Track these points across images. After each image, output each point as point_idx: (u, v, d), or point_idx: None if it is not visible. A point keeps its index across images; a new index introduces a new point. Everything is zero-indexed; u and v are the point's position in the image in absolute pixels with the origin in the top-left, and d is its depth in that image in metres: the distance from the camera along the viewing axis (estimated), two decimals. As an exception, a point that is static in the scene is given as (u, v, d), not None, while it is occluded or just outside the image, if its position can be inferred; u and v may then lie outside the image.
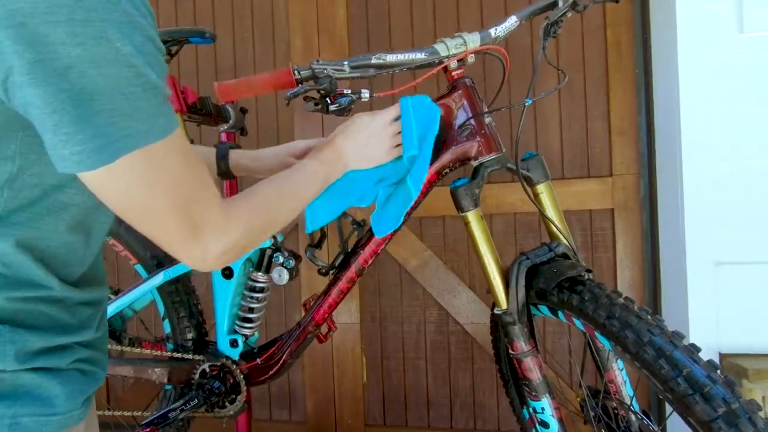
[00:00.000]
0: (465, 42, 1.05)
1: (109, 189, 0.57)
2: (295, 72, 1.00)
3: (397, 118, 1.08)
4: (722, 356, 1.65)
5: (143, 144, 0.55)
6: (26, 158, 0.57)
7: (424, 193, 1.14)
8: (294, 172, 0.93)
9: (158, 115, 0.56)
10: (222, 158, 1.16)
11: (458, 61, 1.07)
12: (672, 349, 0.81)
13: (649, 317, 0.88)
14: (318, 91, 1.02)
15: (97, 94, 0.50)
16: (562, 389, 1.98)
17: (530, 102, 1.04)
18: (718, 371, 0.79)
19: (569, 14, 1.11)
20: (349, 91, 1.03)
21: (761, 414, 0.76)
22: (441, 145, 1.11)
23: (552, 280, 1.00)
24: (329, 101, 1.02)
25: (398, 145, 1.08)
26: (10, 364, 0.59)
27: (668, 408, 1.79)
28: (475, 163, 1.11)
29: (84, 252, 0.69)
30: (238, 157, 1.17)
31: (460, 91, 1.09)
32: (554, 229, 1.10)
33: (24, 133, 0.55)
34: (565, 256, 1.07)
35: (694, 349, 0.82)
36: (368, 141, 1.04)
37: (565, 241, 1.09)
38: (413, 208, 1.14)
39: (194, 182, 0.63)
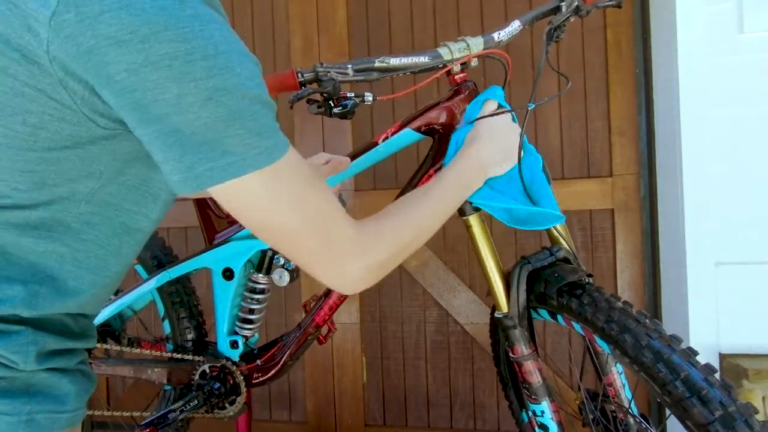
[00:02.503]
0: (468, 46, 1.05)
1: (242, 204, 0.62)
2: (299, 75, 1.00)
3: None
4: (722, 356, 1.65)
5: (272, 160, 0.60)
6: (108, 179, 0.63)
7: None
8: (432, 186, 0.90)
9: (279, 131, 0.62)
10: None
11: (461, 64, 1.07)
12: (670, 353, 0.81)
13: (647, 321, 0.88)
14: (321, 94, 1.02)
15: (230, 119, 0.56)
16: (562, 391, 1.98)
17: (533, 106, 1.04)
18: (716, 374, 0.79)
19: (572, 19, 1.11)
20: (353, 95, 1.03)
21: (761, 415, 0.76)
22: (441, 148, 1.11)
23: (553, 285, 1.00)
24: (332, 104, 1.02)
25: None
26: (30, 365, 0.62)
27: (668, 410, 1.80)
28: None
29: (124, 272, 0.74)
30: None
31: (462, 95, 1.09)
32: (555, 233, 1.10)
33: (112, 157, 0.62)
34: (566, 261, 1.07)
35: (691, 353, 0.82)
36: (501, 139, 1.00)
37: (566, 246, 1.09)
38: None
39: (319, 197, 0.66)
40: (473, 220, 1.08)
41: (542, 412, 1.08)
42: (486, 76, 2.01)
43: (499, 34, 1.07)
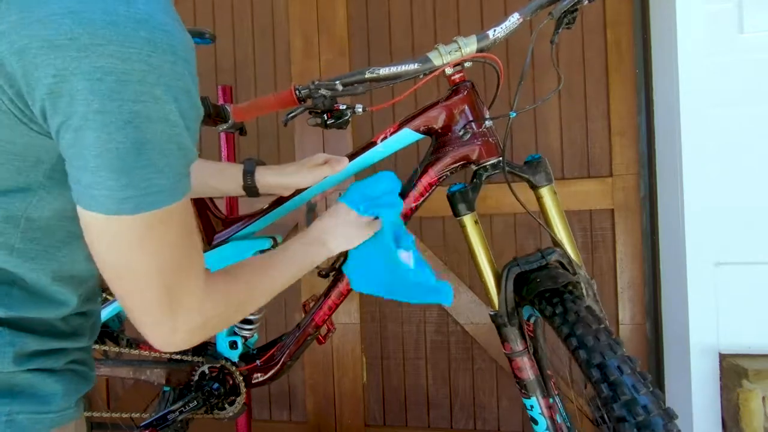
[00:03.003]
0: (460, 47, 1.05)
1: (107, 238, 0.58)
2: (297, 92, 1.06)
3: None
4: (722, 356, 1.65)
5: (167, 203, 0.58)
6: (48, 191, 0.61)
7: (425, 196, 1.14)
8: (276, 255, 0.94)
9: (183, 176, 0.60)
10: (249, 174, 1.17)
11: (456, 65, 1.07)
12: (618, 375, 0.82)
13: (608, 340, 0.87)
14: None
15: (143, 147, 0.55)
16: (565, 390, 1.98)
17: (515, 115, 1.05)
18: (660, 402, 0.79)
19: (585, 2, 1.07)
20: (344, 107, 1.08)
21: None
22: (440, 148, 1.12)
23: (534, 289, 1.01)
24: (326, 117, 1.08)
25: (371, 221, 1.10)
26: (7, 366, 0.60)
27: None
28: (475, 167, 1.11)
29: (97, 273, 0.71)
30: (265, 173, 1.18)
31: (460, 95, 1.09)
32: (557, 236, 1.10)
33: (49, 167, 0.59)
34: (561, 264, 1.07)
35: (642, 378, 0.82)
36: (345, 227, 1.06)
37: (565, 247, 1.09)
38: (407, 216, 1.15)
39: (186, 252, 0.64)
40: (467, 221, 1.10)
41: (532, 406, 1.09)
42: (486, 72, 2.01)
43: (495, 31, 1.06)
